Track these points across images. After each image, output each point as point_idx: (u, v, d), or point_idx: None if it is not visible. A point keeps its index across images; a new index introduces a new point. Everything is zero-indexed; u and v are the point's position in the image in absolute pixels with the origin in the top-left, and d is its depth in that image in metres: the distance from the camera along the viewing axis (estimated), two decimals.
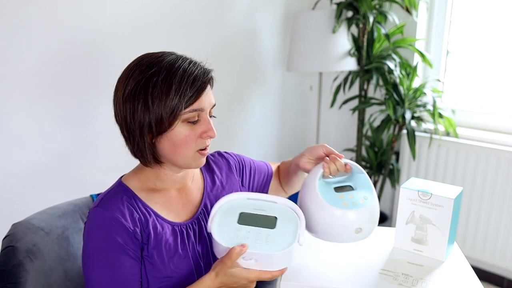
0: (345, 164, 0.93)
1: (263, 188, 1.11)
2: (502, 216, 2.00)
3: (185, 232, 0.90)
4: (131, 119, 0.84)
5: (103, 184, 1.47)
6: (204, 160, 0.89)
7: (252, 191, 1.08)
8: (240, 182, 1.06)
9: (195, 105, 0.83)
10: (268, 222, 0.84)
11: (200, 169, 1.02)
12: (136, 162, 0.94)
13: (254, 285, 0.85)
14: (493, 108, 2.15)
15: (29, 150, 1.53)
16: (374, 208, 0.88)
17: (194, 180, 0.99)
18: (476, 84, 2.21)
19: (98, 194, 1.10)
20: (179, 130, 0.84)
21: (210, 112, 0.88)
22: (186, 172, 0.95)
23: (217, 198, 0.98)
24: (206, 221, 0.93)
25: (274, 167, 1.16)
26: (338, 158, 0.93)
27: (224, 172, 1.04)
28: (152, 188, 0.91)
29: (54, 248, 0.92)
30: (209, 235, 0.92)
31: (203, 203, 0.96)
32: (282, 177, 1.14)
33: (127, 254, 0.83)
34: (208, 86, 0.86)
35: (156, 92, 0.81)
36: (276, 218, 0.85)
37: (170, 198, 0.93)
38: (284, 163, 1.15)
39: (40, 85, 1.53)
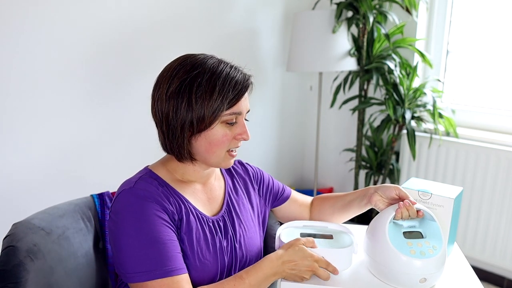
0: (418, 211, 0.93)
1: (272, 206, 1.14)
2: (502, 216, 2.00)
3: (212, 226, 0.93)
4: (173, 115, 0.87)
5: (103, 184, 1.47)
6: (232, 162, 0.95)
7: (266, 204, 1.12)
8: (257, 191, 1.10)
9: (235, 108, 0.88)
10: (326, 237, 0.97)
11: (221, 171, 1.07)
12: (137, 162, 0.94)
13: (312, 274, 0.89)
14: (493, 108, 2.15)
15: (29, 151, 1.53)
16: (441, 259, 0.87)
17: (216, 179, 1.03)
18: (476, 84, 2.21)
19: (98, 194, 1.10)
20: (218, 130, 0.88)
21: (245, 116, 0.93)
22: (212, 170, 1.00)
23: (237, 200, 1.02)
24: (230, 220, 0.98)
25: (299, 196, 1.19)
26: (412, 204, 0.93)
27: (242, 179, 1.09)
28: (179, 180, 0.95)
29: (54, 248, 0.92)
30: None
31: (226, 202, 1.00)
32: (327, 208, 1.13)
33: (168, 227, 0.85)
34: (247, 92, 0.92)
35: (200, 92, 0.85)
36: (332, 235, 0.97)
37: (196, 190, 0.96)
38: (329, 197, 1.15)
39: (40, 86, 1.53)
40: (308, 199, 1.20)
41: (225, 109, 0.87)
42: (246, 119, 0.94)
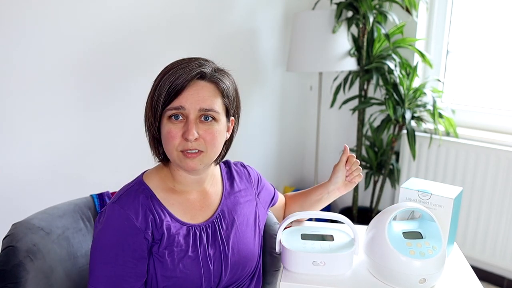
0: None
1: (267, 209, 1.14)
2: (502, 216, 2.00)
3: (198, 234, 0.92)
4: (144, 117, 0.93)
5: (103, 184, 1.47)
6: (191, 164, 0.88)
7: (264, 208, 1.12)
8: (256, 195, 1.09)
9: (175, 102, 0.86)
10: (327, 238, 0.98)
11: (221, 174, 1.04)
12: (137, 162, 0.94)
13: None
14: (493, 108, 2.15)
15: (29, 150, 1.53)
16: (441, 260, 0.88)
17: (213, 184, 1.00)
18: (476, 84, 2.21)
19: (98, 194, 1.10)
20: (164, 126, 0.88)
21: (209, 114, 0.87)
22: (203, 176, 0.96)
23: (234, 205, 1.00)
24: (221, 226, 0.96)
25: (280, 197, 1.21)
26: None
27: (244, 182, 1.07)
28: (171, 188, 0.94)
29: (54, 248, 0.92)
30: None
31: (220, 208, 0.98)
32: (297, 209, 1.19)
33: (133, 255, 0.85)
34: (197, 87, 0.87)
35: (150, 92, 0.90)
36: (332, 236, 0.98)
37: (188, 200, 0.94)
38: (296, 196, 1.21)
39: (40, 86, 1.53)
40: (283, 198, 1.22)
41: (162, 102, 0.86)
42: (209, 119, 0.88)
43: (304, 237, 0.97)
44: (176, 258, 0.88)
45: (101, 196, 1.10)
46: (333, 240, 0.96)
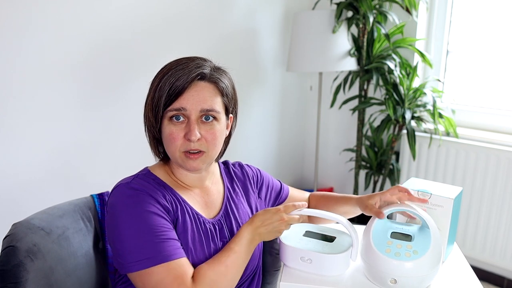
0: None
1: (272, 206, 1.13)
2: (502, 216, 2.00)
3: (208, 228, 0.93)
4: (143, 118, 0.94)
5: (103, 184, 1.47)
6: (193, 164, 0.89)
7: (267, 205, 1.11)
8: (257, 194, 1.08)
9: (176, 104, 0.86)
10: (328, 238, 0.97)
11: (221, 173, 1.05)
12: (137, 162, 0.94)
13: (287, 223, 0.89)
14: (493, 108, 2.15)
15: (29, 150, 1.54)
16: (417, 265, 0.84)
17: (214, 183, 1.01)
18: (476, 84, 2.21)
19: (98, 194, 1.10)
20: (165, 127, 0.88)
21: (210, 114, 0.88)
22: (204, 174, 0.98)
23: (236, 205, 1.01)
24: (228, 224, 0.96)
25: (297, 193, 1.17)
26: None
27: (242, 182, 1.07)
28: (176, 183, 0.95)
29: (54, 248, 0.92)
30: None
31: (224, 206, 0.99)
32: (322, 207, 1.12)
33: (163, 218, 0.85)
34: (198, 88, 0.87)
35: (148, 93, 0.90)
36: (335, 237, 0.97)
37: (194, 194, 0.96)
38: (324, 198, 1.12)
39: (40, 86, 1.53)
40: (305, 195, 1.18)
41: (162, 104, 0.86)
42: (210, 119, 0.89)
43: (307, 234, 0.98)
44: (190, 244, 0.88)
45: (101, 196, 1.09)
46: (332, 241, 0.96)
